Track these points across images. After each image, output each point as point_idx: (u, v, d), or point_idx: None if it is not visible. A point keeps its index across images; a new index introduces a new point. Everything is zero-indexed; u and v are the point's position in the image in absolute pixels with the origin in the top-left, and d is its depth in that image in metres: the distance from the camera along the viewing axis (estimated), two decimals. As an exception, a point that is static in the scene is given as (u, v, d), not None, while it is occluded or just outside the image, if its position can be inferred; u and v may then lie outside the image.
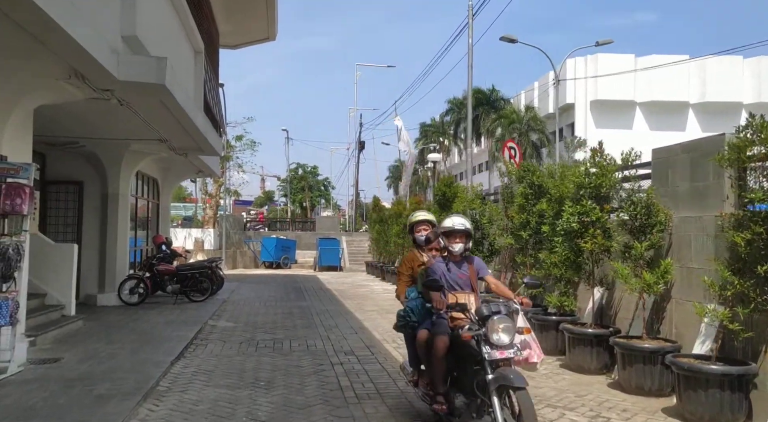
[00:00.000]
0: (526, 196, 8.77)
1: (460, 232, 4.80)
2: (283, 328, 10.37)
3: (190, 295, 13.52)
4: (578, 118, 50.01)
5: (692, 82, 47.60)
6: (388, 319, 11.52)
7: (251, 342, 8.97)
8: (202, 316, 11.38)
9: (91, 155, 12.81)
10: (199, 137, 11.74)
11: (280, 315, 12.12)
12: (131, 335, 9.15)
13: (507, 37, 26.63)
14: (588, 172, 6.90)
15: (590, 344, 6.92)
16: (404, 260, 5.59)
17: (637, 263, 6.27)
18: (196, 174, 18.73)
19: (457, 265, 4.88)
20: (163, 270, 13.33)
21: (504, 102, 55.71)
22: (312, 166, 67.00)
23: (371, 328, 10.43)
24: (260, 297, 15.53)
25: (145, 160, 13.86)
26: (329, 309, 13.04)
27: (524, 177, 8.86)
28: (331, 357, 7.91)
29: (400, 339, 9.25)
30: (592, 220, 6.76)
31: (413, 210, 16.56)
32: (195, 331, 9.63)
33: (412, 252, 5.49)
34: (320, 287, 18.93)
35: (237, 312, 12.32)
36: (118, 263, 13.04)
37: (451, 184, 13.09)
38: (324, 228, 36.52)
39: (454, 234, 4.80)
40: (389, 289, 18.18)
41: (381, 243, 23.00)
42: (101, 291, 12.93)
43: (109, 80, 7.18)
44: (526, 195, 8.75)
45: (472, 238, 4.96)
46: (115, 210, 13.07)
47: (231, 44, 20.83)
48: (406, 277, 5.38)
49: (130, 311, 11.94)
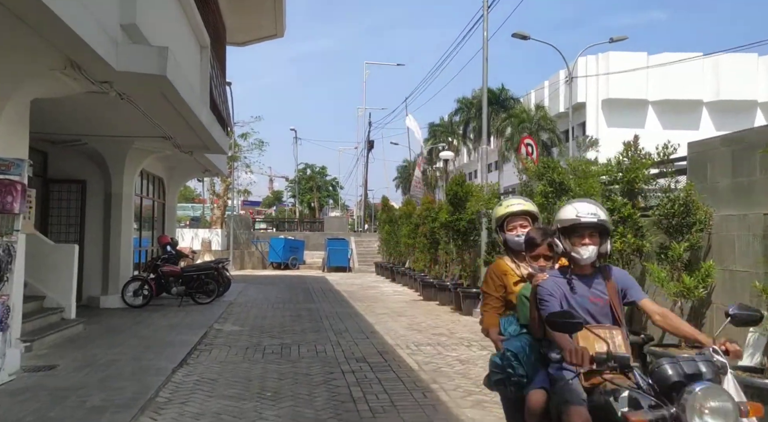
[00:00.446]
0: (546, 194, 8.30)
1: (590, 227, 2.99)
2: (291, 332, 9.94)
3: (195, 297, 13.12)
4: (589, 117, 49.38)
5: (706, 80, 46.84)
6: (399, 323, 11.08)
7: (258, 348, 8.55)
8: (207, 319, 10.97)
9: (93, 153, 12.44)
10: (204, 134, 11.33)
11: (288, 318, 11.70)
12: (132, 340, 8.75)
13: (519, 33, 26.16)
14: (621, 165, 6.42)
15: (621, 352, 6.42)
16: (490, 274, 3.74)
17: (674, 265, 5.78)
18: (203, 173, 18.35)
19: (585, 281, 3.07)
20: (168, 271, 12.94)
21: (513, 101, 55.25)
22: (320, 167, 66.71)
23: (383, 332, 9.98)
24: (268, 299, 15.12)
25: (150, 159, 13.47)
26: (339, 312, 12.60)
27: (544, 174, 8.39)
28: (342, 365, 7.46)
29: (415, 345, 8.84)
30: (623, 218, 6.27)
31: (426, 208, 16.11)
32: (199, 336, 9.21)
33: (502, 261, 3.75)
34: (329, 288, 18.51)
35: (243, 315, 11.91)
36: (121, 264, 12.66)
37: (463, 182, 12.62)
38: (332, 228, 36.13)
39: (581, 229, 3.00)
40: (399, 291, 17.74)
41: (391, 243, 22.55)
42: (104, 293, 12.55)
43: (107, 71, 6.77)
44: (546, 193, 8.28)
45: (609, 237, 3.13)
46: (118, 209, 12.69)
47: (239, 41, 20.46)
48: (496, 301, 3.61)
49: (133, 314, 11.55)
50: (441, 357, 7.96)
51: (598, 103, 47.96)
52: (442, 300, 14.01)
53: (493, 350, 3.64)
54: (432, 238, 15.25)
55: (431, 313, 12.56)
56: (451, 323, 11.11)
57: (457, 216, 12.28)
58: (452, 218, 12.28)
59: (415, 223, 18.00)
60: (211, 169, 17.47)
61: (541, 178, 8.46)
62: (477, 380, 6.69)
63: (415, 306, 13.96)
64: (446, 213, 12.56)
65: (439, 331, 10.14)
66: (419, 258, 17.23)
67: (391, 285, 19.79)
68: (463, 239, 12.56)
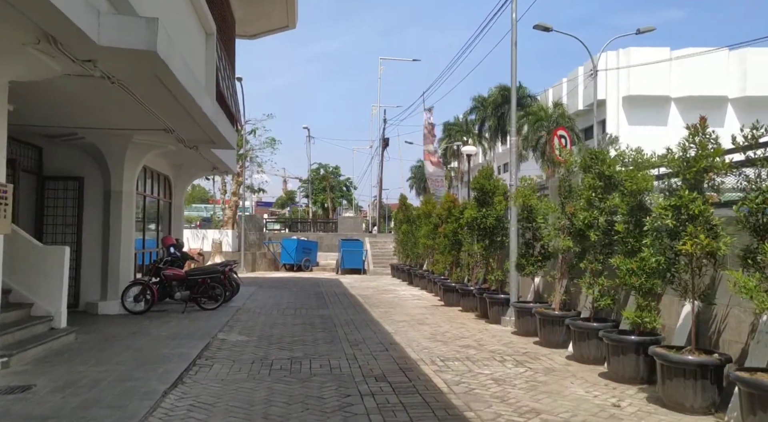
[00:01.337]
0: (595, 188, 7.26)
1: None
2: (302, 343, 8.99)
3: (201, 303, 12.23)
4: (610, 115, 48.04)
5: (731, 76, 45.31)
6: (420, 332, 10.09)
7: (264, 362, 7.60)
8: (211, 328, 10.06)
9: (91, 148, 11.60)
10: (208, 126, 10.43)
11: (299, 326, 10.75)
12: (125, 353, 7.84)
13: (541, 25, 25.08)
14: (686, 156, 5.38)
15: (692, 375, 5.39)
16: None
17: (765, 273, 4.74)
18: (211, 171, 17.49)
19: None
20: (171, 275, 12.06)
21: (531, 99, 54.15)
22: (334, 166, 65.85)
23: (404, 344, 9.00)
24: (278, 304, 14.20)
25: (152, 154, 12.61)
26: (354, 319, 11.64)
27: (591, 166, 7.36)
28: (359, 385, 6.49)
29: (441, 359, 7.82)
30: (692, 215, 5.24)
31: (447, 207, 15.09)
32: (200, 348, 8.29)
33: None
34: (343, 292, 17.55)
35: (251, 323, 10.98)
36: (121, 267, 11.80)
37: (490, 175, 11.59)
38: (346, 228, 35.19)
39: None
40: (418, 295, 16.74)
41: (408, 245, 21.55)
42: (103, 298, 11.70)
43: (88, 47, 5.88)
44: (594, 188, 7.25)
45: None
46: (118, 208, 11.84)
47: (249, 34, 19.62)
48: None
49: (132, 321, 10.68)
50: (472, 376, 6.96)
51: (619, 100, 46.64)
52: (465, 306, 12.99)
53: (533, 365, 2.63)
54: (454, 239, 14.24)
55: (455, 321, 11.55)
56: (479, 333, 10.10)
57: (484, 212, 11.26)
58: (478, 214, 11.26)
59: (434, 223, 16.99)
60: (219, 166, 16.60)
61: (588, 170, 7.43)
62: (519, 406, 5.70)
63: (436, 312, 12.96)
64: (472, 209, 11.54)
65: (466, 343, 9.13)
66: (439, 261, 16.23)
67: (409, 289, 18.79)
68: (490, 239, 11.53)
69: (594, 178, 7.27)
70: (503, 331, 10.24)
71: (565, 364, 7.61)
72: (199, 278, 12.18)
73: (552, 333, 8.66)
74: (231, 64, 16.97)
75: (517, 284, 10.78)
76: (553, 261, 9.89)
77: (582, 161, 7.71)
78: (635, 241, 6.42)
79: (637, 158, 6.88)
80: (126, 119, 10.28)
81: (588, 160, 7.49)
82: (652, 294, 6.59)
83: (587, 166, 7.51)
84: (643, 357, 6.39)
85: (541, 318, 8.78)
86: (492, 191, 11.32)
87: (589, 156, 7.50)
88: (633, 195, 6.72)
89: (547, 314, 8.71)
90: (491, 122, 54.15)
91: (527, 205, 9.65)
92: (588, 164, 7.47)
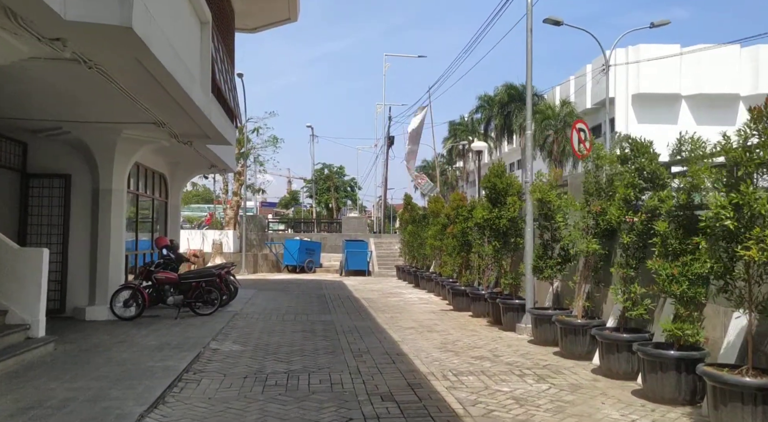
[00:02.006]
0: (635, 186, 6.48)
1: None
2: (302, 354, 8.25)
3: (195, 308, 11.51)
4: (619, 113, 47.22)
5: (743, 73, 44.44)
6: (429, 340, 9.34)
7: (258, 377, 6.87)
8: (204, 336, 9.34)
9: (78, 143, 10.91)
10: (202, 119, 9.72)
11: (299, 333, 10.02)
12: (106, 366, 7.12)
13: (551, 18, 24.27)
14: (747, 145, 4.61)
15: (752, 400, 4.61)
16: None
17: None
18: (209, 169, 16.78)
19: None
20: (163, 278, 11.33)
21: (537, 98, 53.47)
22: (338, 166, 65.12)
23: (411, 354, 8.25)
24: (278, 308, 13.47)
25: (144, 150, 11.90)
26: (358, 326, 10.90)
27: (631, 159, 6.56)
28: (363, 405, 5.75)
29: (453, 373, 7.04)
30: (758, 215, 4.47)
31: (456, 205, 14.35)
32: (189, 359, 7.56)
33: None
34: (347, 295, 16.82)
35: (248, 330, 10.26)
36: (111, 270, 11.10)
37: (502, 173, 10.82)
38: (351, 229, 34.46)
39: None
40: (425, 299, 15.99)
41: (414, 246, 20.80)
42: (91, 303, 11.00)
43: (54, 21, 5.15)
44: (635, 185, 6.46)
45: None
46: (107, 207, 11.14)
47: (249, 27, 18.86)
48: None
49: (120, 328, 9.97)
50: (490, 394, 6.20)
51: (628, 98, 45.81)
52: (476, 312, 12.23)
53: (556, 381, 2.10)
54: (463, 240, 13.48)
55: (465, 328, 10.80)
56: (492, 342, 9.34)
57: (497, 212, 10.50)
58: (490, 215, 10.50)
59: (442, 223, 16.24)
60: (218, 164, 15.91)
61: (626, 163, 6.65)
62: (548, 435, 4.93)
63: (445, 318, 12.20)
64: (483, 209, 10.78)
65: (480, 353, 8.37)
66: (447, 262, 15.48)
67: (415, 292, 18.03)
68: (503, 240, 10.77)
69: (633, 175, 6.48)
70: (519, 340, 9.48)
71: (592, 380, 6.85)
72: (192, 281, 11.46)
73: (574, 343, 7.90)
74: (230, 58, 16.25)
75: (532, 289, 10.02)
76: (574, 264, 9.13)
77: (620, 153, 6.91)
78: (679, 243, 5.65)
79: (696, 145, 5.95)
80: (113, 112, 9.59)
81: (627, 152, 6.69)
82: (694, 304, 5.83)
83: (625, 159, 6.72)
84: (686, 376, 5.63)
85: (563, 326, 8.02)
86: (504, 190, 10.54)
87: (632, 147, 6.69)
88: (687, 191, 5.89)
89: (569, 323, 7.95)
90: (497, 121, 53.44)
91: (546, 202, 8.87)
92: (625, 157, 6.68)
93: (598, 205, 7.83)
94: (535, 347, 8.87)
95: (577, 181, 9.57)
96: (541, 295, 10.31)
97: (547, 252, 9.06)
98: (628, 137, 7.19)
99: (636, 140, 7.08)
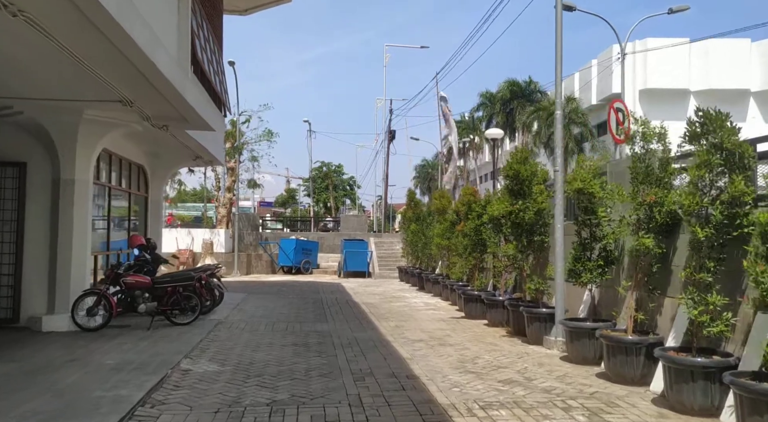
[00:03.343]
0: (711, 167, 5.05)
1: None
2: (290, 377, 6.76)
3: (171, 316, 10.03)
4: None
5: (753, 68, 43.12)
6: (444, 358, 7.86)
7: (234, 412, 5.39)
8: (176, 352, 7.86)
9: (34, 126, 9.43)
10: (173, 95, 8.24)
11: (289, 348, 8.54)
12: (41, 397, 5.63)
13: (565, 4, 22.81)
14: None
15: None
16: None
17: None
18: (194, 161, 15.27)
19: None
20: (133, 283, 9.83)
21: (541, 95, 52.27)
22: (337, 165, 63.63)
23: (425, 376, 6.77)
24: (269, 316, 11.98)
25: (114, 136, 10.43)
26: (358, 337, 9.43)
27: (705, 134, 5.12)
28: (369, 457, 4.28)
29: (480, 406, 5.26)
30: None
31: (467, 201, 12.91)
32: (150, 386, 6.08)
33: None
34: (346, 300, 15.34)
35: (230, 344, 8.77)
36: (73, 273, 9.62)
37: (526, 159, 9.32)
38: (349, 228, 32.94)
39: None
40: (432, 304, 14.51)
41: (418, 245, 19.32)
42: (50, 311, 9.53)
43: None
44: (710, 165, 5.03)
45: None
46: (69, 200, 9.66)
47: (240, 8, 17.42)
48: None
49: (80, 341, 8.50)
50: (534, 439, 4.74)
51: (635, 93, 44.36)
52: (492, 320, 10.77)
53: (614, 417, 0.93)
54: (477, 239, 11.99)
55: (483, 340, 9.33)
56: (519, 359, 7.86)
57: (520, 204, 9.01)
58: (512, 208, 9.02)
59: (450, 220, 14.78)
60: (203, 155, 14.40)
61: (699, 140, 5.20)
62: None
63: (457, 327, 10.73)
64: (504, 202, 9.30)
65: (508, 375, 6.89)
66: (456, 263, 14.01)
67: (420, 296, 16.55)
68: (527, 238, 9.28)
69: (709, 152, 5.04)
70: (549, 357, 8.00)
71: (658, 416, 5.38)
72: (168, 286, 9.96)
73: (624, 364, 6.42)
74: (218, 41, 14.78)
75: (563, 295, 8.54)
76: (617, 266, 7.66)
77: (691, 130, 5.44)
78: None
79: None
80: (69, 87, 8.13)
81: (702, 127, 5.23)
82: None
83: (697, 135, 5.27)
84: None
85: (609, 343, 6.55)
86: (529, 179, 9.06)
87: (710, 118, 5.22)
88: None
89: (618, 339, 6.48)
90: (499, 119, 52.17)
91: (586, 194, 7.39)
92: (697, 133, 5.23)
93: (652, 195, 6.38)
94: (572, 366, 7.40)
95: (619, 168, 8.11)
96: (572, 303, 8.83)
97: (585, 253, 7.58)
98: (698, 109, 5.74)
99: (707, 111, 5.62)
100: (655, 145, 6.60)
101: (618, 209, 7.41)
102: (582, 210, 7.52)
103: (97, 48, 6.41)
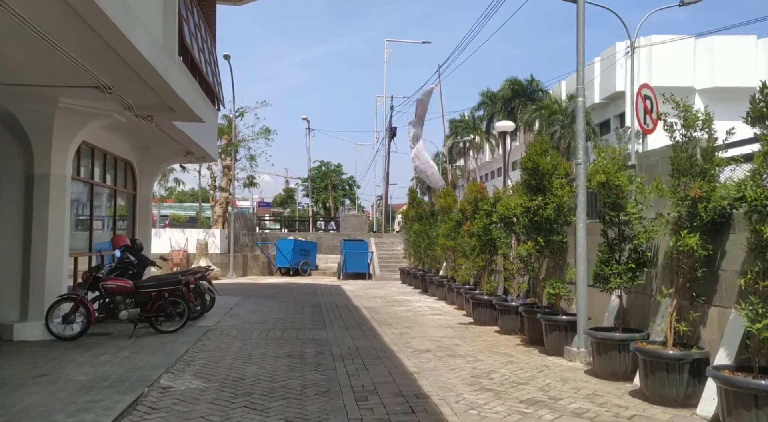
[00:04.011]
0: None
1: None
2: (284, 395, 5.96)
3: (156, 323, 9.22)
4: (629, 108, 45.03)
5: (759, 65, 42.39)
6: (455, 371, 7.07)
7: (215, 442, 4.59)
8: (157, 365, 7.05)
9: (4, 115, 8.63)
10: (155, 80, 7.44)
11: (284, 359, 7.73)
12: (-10, 424, 4.84)
13: (571, -6, 22.04)
14: None
15: None
16: None
17: None
18: (185, 156, 14.46)
19: None
20: (113, 287, 9.01)
21: (543, 93, 51.60)
22: (336, 164, 62.79)
23: (436, 395, 5.97)
24: (263, 321, 11.18)
25: (95, 127, 9.62)
26: (360, 347, 8.63)
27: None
28: None
29: None
30: None
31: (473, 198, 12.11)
32: (121, 409, 5.28)
33: None
34: (345, 303, 14.54)
35: (218, 355, 7.96)
36: (48, 277, 8.82)
37: (546, 151, 8.51)
38: (349, 228, 32.12)
39: None
40: (437, 308, 13.71)
41: (421, 246, 18.51)
42: (23, 318, 8.73)
43: None
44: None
45: None
46: (44, 197, 8.86)
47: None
48: None
49: (53, 352, 7.71)
50: (574, 480, 3.93)
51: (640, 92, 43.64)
52: (504, 327, 9.96)
53: None
54: (486, 239, 11.19)
55: (497, 350, 8.52)
56: (539, 373, 7.05)
57: (540, 200, 8.20)
58: (531, 204, 8.20)
59: (456, 220, 13.98)
60: (194, 150, 13.60)
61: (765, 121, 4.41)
62: None
63: (466, 335, 9.93)
64: (522, 197, 8.49)
65: (530, 394, 6.09)
66: (462, 265, 13.22)
67: (424, 299, 15.74)
68: (546, 238, 8.46)
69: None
70: (572, 370, 7.20)
71: (714, 446, 4.59)
72: (152, 291, 9.14)
73: (666, 382, 5.61)
74: (211, 30, 14.01)
75: (585, 302, 7.73)
76: (649, 270, 6.86)
77: (754, 110, 4.64)
78: None
79: None
80: (40, 71, 7.33)
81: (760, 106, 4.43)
82: None
83: (761, 116, 4.47)
84: None
85: (648, 358, 5.74)
86: (549, 173, 8.26)
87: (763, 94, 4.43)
88: None
89: (658, 354, 5.67)
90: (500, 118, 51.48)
91: (612, 187, 6.59)
92: (764, 113, 4.44)
93: (697, 189, 5.58)
94: (599, 382, 6.59)
95: (651, 160, 7.31)
96: (594, 310, 8.02)
97: (613, 254, 6.78)
98: (764, 85, 4.95)
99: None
100: (698, 132, 5.81)
101: (650, 205, 6.62)
102: (608, 206, 6.71)
103: (65, 24, 5.63)
